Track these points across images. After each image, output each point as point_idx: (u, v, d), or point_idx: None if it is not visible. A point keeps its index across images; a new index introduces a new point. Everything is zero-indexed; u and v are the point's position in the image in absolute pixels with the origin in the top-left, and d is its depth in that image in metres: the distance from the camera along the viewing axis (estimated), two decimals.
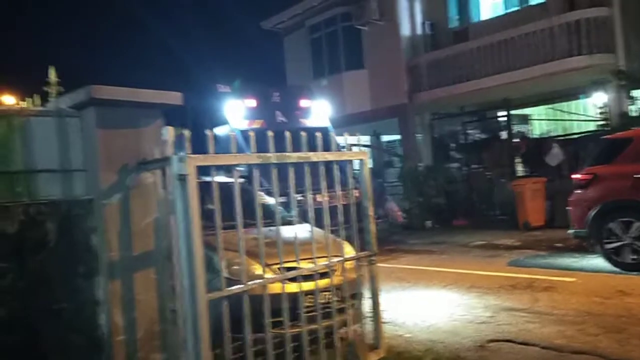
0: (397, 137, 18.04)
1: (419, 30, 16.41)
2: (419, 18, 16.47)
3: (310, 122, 11.70)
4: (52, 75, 3.02)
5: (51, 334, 2.90)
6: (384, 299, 4.42)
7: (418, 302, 6.59)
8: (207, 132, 3.13)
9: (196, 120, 10.96)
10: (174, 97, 3.18)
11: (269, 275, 3.79)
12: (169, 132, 2.89)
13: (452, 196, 15.12)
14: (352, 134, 4.66)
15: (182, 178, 2.80)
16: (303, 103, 11.95)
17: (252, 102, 11.07)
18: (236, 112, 10.85)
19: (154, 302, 3.09)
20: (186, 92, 3.26)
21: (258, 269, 4.13)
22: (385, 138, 20.08)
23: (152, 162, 3.04)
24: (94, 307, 2.99)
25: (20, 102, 2.94)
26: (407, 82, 16.13)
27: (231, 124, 10.66)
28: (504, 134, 15.46)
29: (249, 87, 11.61)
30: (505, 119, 15.25)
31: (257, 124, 10.79)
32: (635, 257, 7.28)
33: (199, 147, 3.12)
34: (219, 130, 10.69)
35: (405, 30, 16.33)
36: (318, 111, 12.06)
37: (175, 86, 3.29)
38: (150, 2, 36.78)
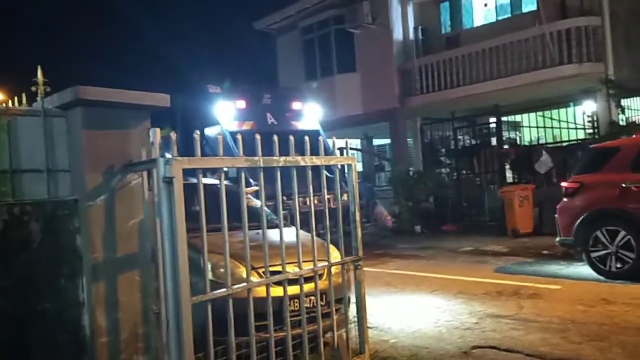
0: (388, 141, 18.09)
1: (411, 35, 16.48)
2: (411, 23, 16.55)
3: (301, 124, 11.72)
4: (40, 74, 3.00)
5: (35, 334, 2.88)
6: (371, 304, 4.44)
7: (405, 308, 6.60)
8: (195, 134, 3.12)
9: (186, 121, 10.96)
10: (162, 99, 3.17)
11: (254, 278, 3.79)
12: (155, 134, 2.87)
13: (442, 201, 15.18)
14: (341, 138, 4.68)
15: (168, 180, 2.79)
16: (294, 105, 11.97)
17: (243, 104, 11.08)
18: (226, 113, 10.84)
19: (138, 304, 3.08)
20: (177, 92, 3.26)
21: (244, 272, 4.12)
22: (377, 142, 20.15)
23: (138, 164, 3.03)
24: (77, 308, 2.98)
25: (9, 101, 2.91)
26: (399, 87, 16.19)
27: (221, 124, 10.65)
28: (494, 141, 15.55)
29: (240, 88, 11.63)
30: (496, 125, 15.35)
31: (247, 126, 10.80)
32: (620, 265, 7.34)
33: (189, 147, 3.11)
34: (210, 131, 10.68)
35: (397, 34, 16.40)
36: (309, 114, 12.08)
37: (166, 86, 3.29)
38: (140, 2, 36.61)
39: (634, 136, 9.69)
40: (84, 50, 33.69)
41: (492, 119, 15.46)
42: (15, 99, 3.48)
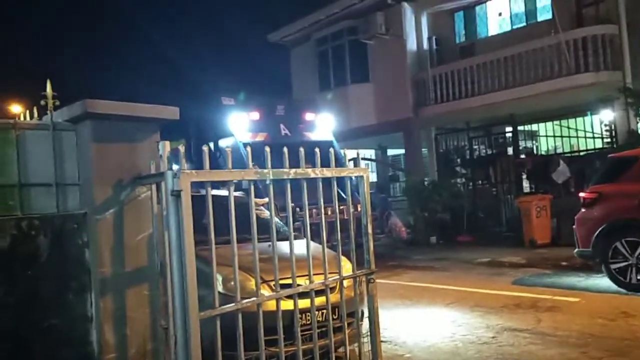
0: (402, 151, 17.99)
1: (425, 45, 16.44)
2: (425, 33, 16.51)
3: (314, 135, 11.69)
4: (49, 88, 3.00)
5: (42, 350, 2.85)
6: (385, 317, 4.36)
7: (419, 321, 6.50)
8: (204, 146, 3.10)
9: (201, 132, 10.99)
10: (171, 112, 3.15)
11: (265, 291, 3.73)
12: (164, 147, 2.85)
13: (457, 212, 15.01)
14: (354, 149, 4.62)
15: (176, 194, 2.76)
16: (307, 116, 11.95)
17: (256, 115, 11.08)
18: (240, 125, 10.85)
19: (146, 319, 3.04)
20: (191, 104, 3.24)
21: (253, 285, 4.07)
22: (390, 152, 20.06)
23: (147, 177, 3.00)
24: (85, 323, 2.94)
25: (20, 115, 2.91)
26: (413, 97, 16.13)
27: (235, 136, 10.67)
28: (510, 150, 15.38)
29: (254, 100, 11.64)
30: (512, 135, 15.18)
31: (261, 137, 10.80)
32: None
33: (203, 159, 3.08)
34: (224, 143, 10.70)
35: (411, 44, 16.36)
36: (322, 124, 12.05)
37: (180, 98, 3.27)
38: (155, 15, 37.10)
39: None
40: (99, 62, 34.15)
41: (508, 129, 15.30)
42: (27, 112, 3.49)
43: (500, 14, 15.89)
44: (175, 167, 2.84)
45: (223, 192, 4.67)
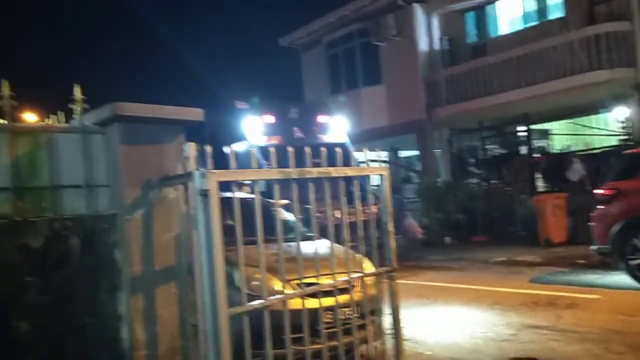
0: (415, 152, 17.99)
1: (436, 46, 16.44)
2: (436, 33, 16.52)
3: (328, 137, 11.73)
4: (78, 92, 3.07)
5: (74, 349, 2.91)
6: (404, 315, 4.37)
7: (438, 319, 6.51)
8: (229, 148, 3.16)
9: (214, 137, 11.06)
10: (197, 114, 3.22)
11: (288, 291, 3.78)
12: (191, 148, 2.91)
13: (472, 212, 14.97)
14: (371, 150, 4.67)
15: (204, 193, 2.82)
16: (320, 119, 11.99)
17: (270, 119, 11.15)
18: (254, 128, 10.93)
19: (175, 317, 3.10)
20: (204, 108, 3.30)
21: (277, 285, 4.12)
22: (403, 154, 20.04)
23: (174, 177, 3.07)
24: (116, 321, 3.01)
25: (45, 119, 2.99)
26: (425, 98, 16.13)
27: (249, 140, 10.74)
28: (523, 149, 15.33)
29: (267, 104, 11.71)
30: (525, 133, 15.13)
31: (275, 140, 10.85)
32: None
33: (218, 162, 3.14)
34: (237, 147, 10.77)
35: (422, 45, 16.37)
36: (336, 127, 12.09)
37: (194, 102, 3.33)
38: (169, 20, 37.37)
39: None
40: (112, 67, 34.48)
41: (522, 128, 15.25)
42: (54, 117, 3.56)
43: (511, 13, 15.85)
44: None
45: (241, 195, 4.74)
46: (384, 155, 18.02)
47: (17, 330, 2.76)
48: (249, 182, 3.30)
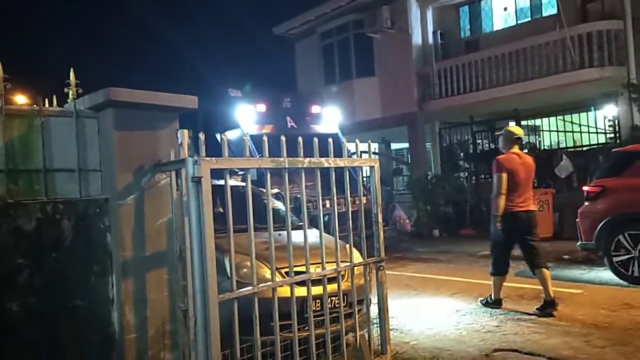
0: (406, 145, 18.06)
1: (430, 40, 16.46)
2: (430, 27, 16.53)
3: (320, 128, 11.76)
4: (72, 77, 3.08)
5: (66, 331, 2.95)
6: (390, 306, 4.44)
7: (425, 310, 6.60)
8: (222, 136, 3.19)
9: (207, 124, 11.06)
10: (191, 101, 3.25)
11: (277, 279, 3.82)
12: (184, 135, 2.94)
13: (460, 205, 15.09)
14: (363, 141, 4.72)
15: (197, 180, 2.85)
16: (313, 109, 12.02)
17: (263, 107, 11.15)
18: (247, 117, 10.93)
19: (166, 301, 3.14)
20: (198, 95, 3.32)
21: (267, 273, 4.18)
22: (395, 146, 20.12)
23: (167, 164, 3.10)
24: (107, 305, 3.05)
25: (37, 102, 3.00)
26: (418, 91, 16.18)
27: (242, 128, 10.74)
28: None
29: (260, 92, 11.71)
30: None
31: (267, 129, 10.86)
32: None
33: (210, 149, 3.18)
34: (230, 135, 10.77)
35: (416, 39, 16.39)
36: (328, 117, 12.12)
37: (187, 90, 3.35)
38: (162, 8, 37.07)
39: None
40: (107, 54, 34.18)
41: (512, 123, 15.33)
42: (46, 100, 3.57)
43: (505, 9, 15.91)
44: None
45: (232, 183, 4.78)
46: (375, 146, 18.05)
47: (8, 311, 2.79)
48: (241, 171, 3.33)
